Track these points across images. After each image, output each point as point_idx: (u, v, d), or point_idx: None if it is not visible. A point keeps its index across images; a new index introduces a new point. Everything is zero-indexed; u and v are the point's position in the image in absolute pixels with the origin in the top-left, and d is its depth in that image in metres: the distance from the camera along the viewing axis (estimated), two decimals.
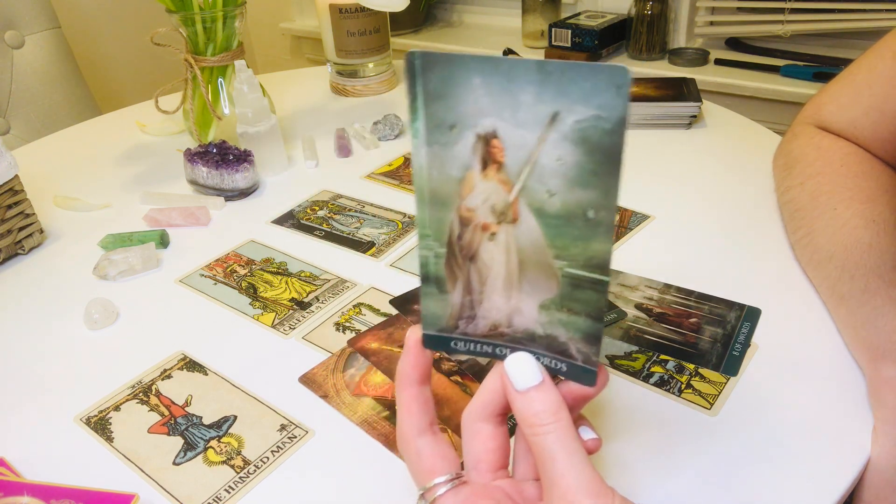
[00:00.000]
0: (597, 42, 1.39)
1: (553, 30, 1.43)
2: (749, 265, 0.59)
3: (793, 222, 0.59)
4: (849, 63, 0.63)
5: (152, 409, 0.49)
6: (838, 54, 1.32)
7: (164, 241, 0.68)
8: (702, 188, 0.72)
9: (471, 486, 0.32)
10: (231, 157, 0.76)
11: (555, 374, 0.32)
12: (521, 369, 0.31)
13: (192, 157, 0.76)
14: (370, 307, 0.57)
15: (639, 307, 0.55)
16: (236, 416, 0.47)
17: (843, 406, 0.45)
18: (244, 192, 0.77)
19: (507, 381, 0.31)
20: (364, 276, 0.62)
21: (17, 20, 1.20)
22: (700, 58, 1.38)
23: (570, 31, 1.40)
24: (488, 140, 0.28)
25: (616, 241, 0.64)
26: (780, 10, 1.32)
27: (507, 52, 1.21)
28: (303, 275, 0.62)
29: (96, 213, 0.76)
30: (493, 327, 0.32)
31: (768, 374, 0.48)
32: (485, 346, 0.33)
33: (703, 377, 0.48)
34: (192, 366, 0.52)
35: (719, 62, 1.37)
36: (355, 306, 0.58)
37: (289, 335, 0.55)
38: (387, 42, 1.03)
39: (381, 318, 0.56)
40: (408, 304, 0.57)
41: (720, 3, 1.40)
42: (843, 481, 0.40)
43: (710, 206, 0.69)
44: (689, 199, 0.70)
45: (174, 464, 0.44)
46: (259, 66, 2.11)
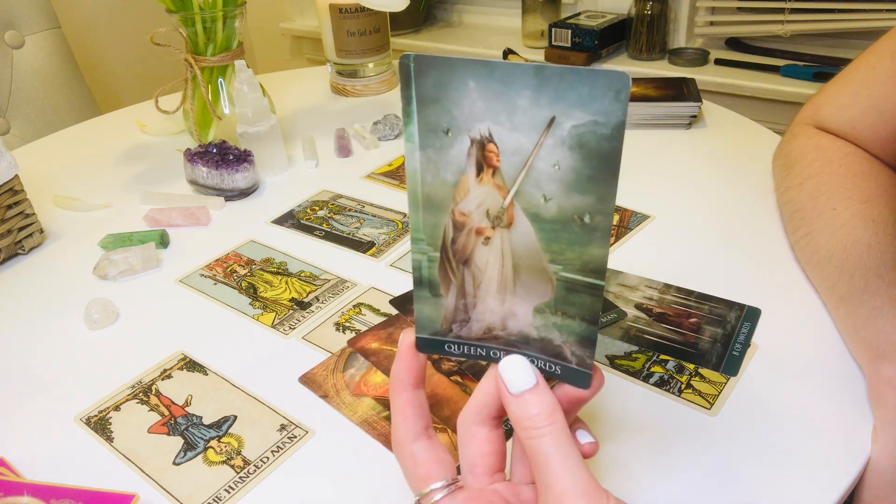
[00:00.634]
0: (597, 42, 1.39)
1: (553, 30, 1.43)
2: (749, 265, 0.59)
3: (792, 222, 0.59)
4: (848, 63, 0.63)
5: (152, 409, 0.49)
6: (838, 54, 1.32)
7: (164, 241, 0.68)
8: (702, 188, 0.72)
9: (467, 491, 0.32)
10: (231, 157, 0.76)
11: (549, 377, 0.32)
12: (516, 372, 0.30)
13: (192, 157, 0.76)
14: (370, 307, 0.57)
15: (639, 307, 0.55)
16: (236, 416, 0.47)
17: (843, 406, 0.45)
18: (244, 192, 0.77)
19: (502, 384, 0.31)
20: (364, 276, 0.62)
21: (17, 20, 1.20)
22: (700, 58, 1.38)
23: (570, 31, 1.40)
24: (483, 144, 0.28)
25: (616, 241, 0.64)
26: (780, 10, 1.32)
27: (507, 53, 1.21)
28: (303, 275, 0.62)
29: (96, 213, 0.76)
30: (488, 330, 0.32)
31: (768, 374, 0.48)
32: (479, 349, 0.33)
33: (703, 377, 0.48)
34: (192, 366, 0.52)
35: (719, 62, 1.37)
36: (355, 306, 0.58)
37: (289, 335, 0.55)
38: (387, 42, 1.03)
39: (381, 318, 0.56)
40: (407, 304, 0.57)
41: (720, 3, 1.40)
42: (843, 481, 0.40)
43: (710, 206, 0.69)
44: (689, 199, 0.70)
45: (174, 464, 0.44)
46: (259, 66, 2.11)
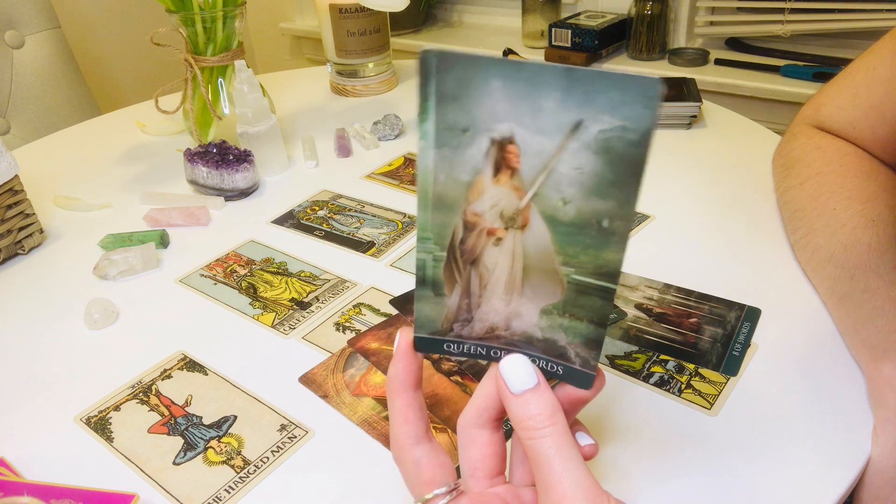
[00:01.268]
0: (597, 42, 1.39)
1: (553, 30, 1.43)
2: (749, 265, 0.59)
3: (792, 222, 0.59)
4: (848, 63, 0.63)
5: (152, 409, 0.49)
6: (838, 54, 1.32)
7: (164, 241, 0.68)
8: (702, 188, 0.72)
9: (468, 496, 0.32)
10: (231, 157, 0.76)
11: (551, 377, 0.31)
12: (517, 371, 0.30)
13: (192, 157, 0.76)
14: (370, 307, 0.57)
15: (639, 307, 0.55)
16: (236, 416, 0.47)
17: (843, 406, 0.45)
18: (244, 192, 0.77)
19: (502, 384, 0.30)
20: (364, 276, 0.62)
21: (17, 20, 1.20)
22: (700, 58, 1.38)
23: (570, 31, 1.40)
24: (503, 145, 0.28)
25: None
26: (780, 10, 1.32)
27: (507, 52, 1.21)
28: (303, 275, 0.62)
29: (96, 213, 0.76)
30: (490, 330, 0.32)
31: (768, 374, 0.48)
32: (479, 348, 0.33)
33: (703, 377, 0.48)
34: (192, 366, 0.52)
35: (719, 62, 1.37)
36: (355, 306, 0.58)
37: (289, 335, 0.55)
38: (387, 42, 1.03)
39: (381, 318, 0.56)
40: (408, 303, 0.57)
41: (720, 3, 1.40)
42: (843, 481, 0.40)
43: (710, 206, 0.69)
44: (688, 199, 0.70)
45: (174, 464, 0.44)
46: (259, 66, 2.11)
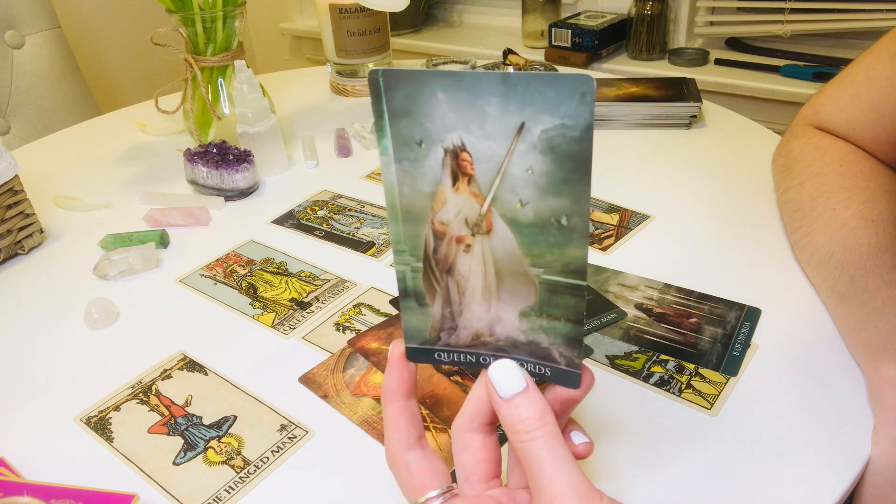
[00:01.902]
0: (597, 42, 1.39)
1: (553, 30, 1.43)
2: (749, 265, 0.59)
3: (792, 222, 0.59)
4: (848, 63, 0.63)
5: (152, 409, 0.49)
6: (838, 54, 1.32)
7: (164, 241, 0.68)
8: (702, 188, 0.72)
9: (463, 499, 0.32)
10: (231, 157, 0.76)
11: (540, 380, 0.32)
12: (505, 376, 0.30)
13: (192, 157, 0.76)
14: (370, 307, 0.58)
15: (639, 307, 0.55)
16: (236, 416, 0.47)
17: (843, 406, 0.45)
18: (244, 192, 0.77)
19: (492, 389, 0.31)
20: (364, 276, 0.62)
21: (17, 20, 1.20)
22: (700, 58, 1.38)
23: (570, 31, 1.40)
24: (457, 154, 0.29)
25: (616, 241, 0.64)
26: (780, 10, 1.32)
27: (507, 53, 1.21)
28: (303, 275, 0.62)
29: (96, 213, 0.76)
30: (476, 337, 0.33)
31: (768, 374, 0.48)
32: (468, 356, 0.33)
33: (703, 377, 0.48)
34: (192, 366, 0.52)
35: (719, 62, 1.37)
36: (355, 306, 0.58)
37: (289, 335, 0.55)
38: (387, 42, 1.03)
39: (381, 318, 0.56)
40: None
41: (720, 3, 1.40)
42: (843, 481, 0.40)
43: (710, 205, 0.69)
44: (689, 199, 0.70)
45: (174, 464, 0.44)
46: (259, 66, 2.11)
